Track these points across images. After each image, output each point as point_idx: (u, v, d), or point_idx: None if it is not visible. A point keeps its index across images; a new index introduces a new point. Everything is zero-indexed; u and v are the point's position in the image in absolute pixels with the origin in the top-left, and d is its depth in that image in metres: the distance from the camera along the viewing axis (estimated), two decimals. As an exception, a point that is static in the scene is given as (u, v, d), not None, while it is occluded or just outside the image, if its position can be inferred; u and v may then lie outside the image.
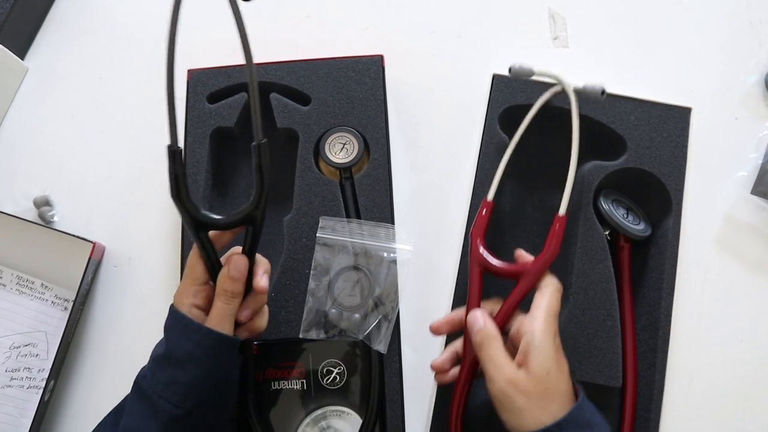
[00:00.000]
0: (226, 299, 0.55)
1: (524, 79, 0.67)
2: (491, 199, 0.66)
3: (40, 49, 0.79)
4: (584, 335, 0.64)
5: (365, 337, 0.63)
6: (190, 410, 0.52)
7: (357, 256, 0.65)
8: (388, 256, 0.65)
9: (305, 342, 0.65)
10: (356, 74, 0.71)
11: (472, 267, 0.63)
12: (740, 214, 0.72)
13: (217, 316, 0.55)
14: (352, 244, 0.65)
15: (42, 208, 0.72)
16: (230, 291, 0.55)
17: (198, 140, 0.70)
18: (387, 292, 0.65)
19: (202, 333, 0.54)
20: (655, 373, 0.66)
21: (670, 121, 0.69)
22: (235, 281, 0.55)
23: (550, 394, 0.53)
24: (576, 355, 0.64)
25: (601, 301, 0.66)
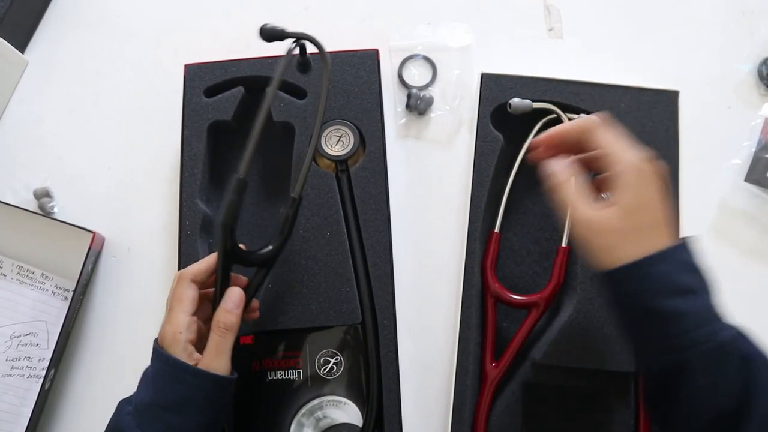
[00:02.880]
0: (224, 333, 0.53)
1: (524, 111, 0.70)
2: (498, 230, 0.69)
3: (39, 42, 0.80)
4: (594, 325, 0.65)
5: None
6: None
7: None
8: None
9: (302, 332, 0.66)
10: (352, 68, 0.72)
11: (486, 299, 0.68)
12: (734, 201, 0.72)
13: (214, 351, 0.52)
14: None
15: (42, 199, 0.73)
16: (228, 324, 0.53)
17: (195, 134, 0.71)
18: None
19: (199, 377, 0.51)
20: None
21: (659, 105, 0.70)
22: (232, 314, 0.53)
23: (636, 232, 0.47)
24: (587, 345, 0.64)
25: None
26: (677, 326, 0.45)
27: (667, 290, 0.46)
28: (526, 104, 0.69)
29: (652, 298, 0.46)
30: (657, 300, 0.46)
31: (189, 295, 0.54)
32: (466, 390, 0.65)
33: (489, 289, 0.68)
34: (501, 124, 0.71)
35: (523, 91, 0.70)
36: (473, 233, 0.68)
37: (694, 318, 0.45)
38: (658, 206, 0.48)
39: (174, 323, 0.53)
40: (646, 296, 0.46)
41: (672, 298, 0.45)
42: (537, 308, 0.67)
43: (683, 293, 0.46)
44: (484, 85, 0.71)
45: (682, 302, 0.45)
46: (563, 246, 0.68)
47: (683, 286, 0.46)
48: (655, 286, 0.46)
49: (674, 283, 0.46)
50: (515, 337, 0.66)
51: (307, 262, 0.66)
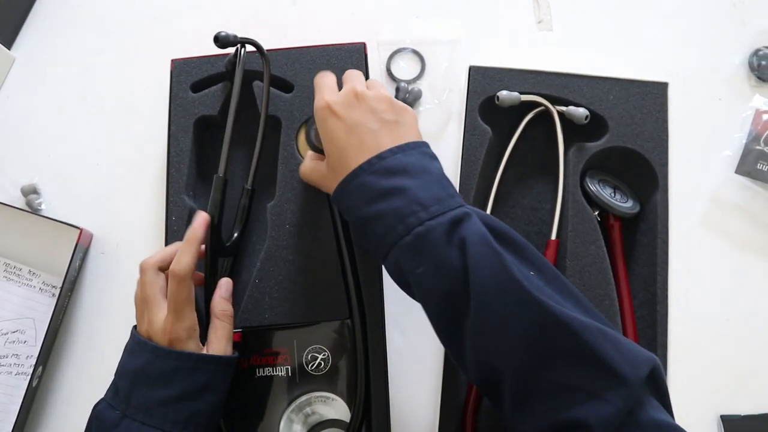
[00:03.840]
0: (227, 319, 0.59)
1: (512, 104, 0.69)
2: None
3: (26, 38, 0.80)
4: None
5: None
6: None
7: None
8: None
9: (289, 328, 0.65)
10: (339, 62, 0.71)
11: None
12: (725, 193, 0.72)
13: (222, 338, 0.58)
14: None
15: (29, 196, 0.73)
16: (228, 311, 0.59)
17: (182, 129, 0.70)
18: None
19: (214, 363, 0.56)
20: (656, 348, 0.66)
21: (649, 97, 0.70)
22: (228, 302, 0.60)
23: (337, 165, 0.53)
24: None
25: (597, 281, 0.66)
26: (380, 227, 0.49)
27: (365, 198, 0.50)
28: (515, 97, 0.69)
29: (355, 210, 0.51)
30: (359, 209, 0.51)
31: (192, 293, 0.56)
32: (454, 385, 0.65)
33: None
34: (489, 117, 0.70)
35: (512, 84, 0.70)
36: (461, 227, 0.68)
37: (394, 215, 0.48)
38: (345, 140, 0.53)
39: (188, 323, 0.55)
40: (352, 209, 0.52)
41: (370, 204, 0.50)
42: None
43: (383, 196, 0.49)
44: (472, 78, 0.71)
45: (381, 205, 0.49)
46: (553, 239, 0.67)
47: (381, 189, 0.50)
48: (355, 198, 0.51)
49: (370, 190, 0.50)
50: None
51: (294, 258, 0.66)
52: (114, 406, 0.53)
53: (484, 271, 0.46)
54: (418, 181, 0.50)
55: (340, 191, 0.52)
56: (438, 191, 0.50)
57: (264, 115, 0.68)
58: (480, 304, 0.46)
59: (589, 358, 0.43)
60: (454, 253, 0.47)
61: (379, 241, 0.50)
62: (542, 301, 0.44)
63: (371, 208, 0.49)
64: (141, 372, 0.54)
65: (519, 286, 0.45)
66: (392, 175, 0.50)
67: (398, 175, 0.50)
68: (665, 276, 0.67)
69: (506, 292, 0.45)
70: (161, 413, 0.52)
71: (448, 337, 0.50)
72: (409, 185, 0.49)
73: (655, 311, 0.67)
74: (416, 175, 0.50)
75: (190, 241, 0.57)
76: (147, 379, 0.53)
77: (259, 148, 0.67)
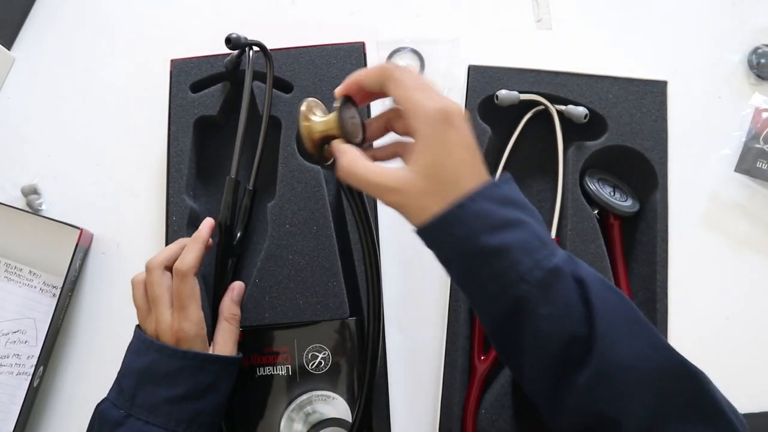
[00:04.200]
0: (235, 323, 0.61)
1: (512, 103, 0.69)
2: None
3: (26, 38, 0.80)
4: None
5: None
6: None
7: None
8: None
9: (290, 327, 0.66)
10: (338, 61, 0.71)
11: None
12: (724, 191, 0.72)
13: (229, 340, 0.59)
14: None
15: (30, 196, 0.73)
16: (236, 315, 0.61)
17: (181, 129, 0.70)
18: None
19: (220, 363, 0.56)
20: None
21: (648, 95, 0.70)
22: (237, 306, 0.62)
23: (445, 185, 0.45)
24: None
25: (597, 280, 0.66)
26: (506, 260, 0.43)
27: (486, 227, 0.43)
28: (514, 96, 0.69)
29: (473, 239, 0.43)
30: (478, 239, 0.43)
31: (197, 290, 0.57)
32: (454, 384, 0.65)
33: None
34: (489, 116, 0.70)
35: (511, 83, 0.70)
36: (461, 225, 0.68)
37: (521, 248, 0.43)
38: (461, 156, 0.45)
39: (194, 320, 0.56)
40: (466, 239, 0.44)
41: (493, 234, 0.43)
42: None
43: (504, 227, 0.43)
44: (471, 77, 0.71)
45: (505, 235, 0.43)
46: (552, 238, 0.67)
47: (503, 219, 0.44)
48: (473, 225, 0.43)
49: (492, 219, 0.43)
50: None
51: (294, 257, 0.66)
52: (118, 405, 0.53)
53: (611, 313, 0.43)
54: (531, 216, 0.45)
55: (452, 216, 0.44)
56: (543, 228, 0.46)
57: (266, 116, 0.68)
58: (607, 348, 0.42)
59: (710, 411, 0.42)
60: (578, 292, 0.43)
61: (499, 277, 0.44)
62: (670, 345, 0.42)
63: (494, 238, 0.43)
64: (146, 371, 0.54)
65: (648, 329, 0.43)
66: (510, 205, 0.45)
67: (515, 206, 0.45)
68: (665, 275, 0.67)
69: (636, 335, 0.43)
70: (166, 412, 0.52)
71: (552, 384, 0.45)
72: (527, 218, 0.45)
73: (654, 310, 0.67)
74: (526, 209, 0.46)
75: (195, 239, 0.58)
76: (152, 378, 0.53)
77: (261, 148, 0.67)
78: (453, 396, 0.65)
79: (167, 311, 0.56)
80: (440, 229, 0.45)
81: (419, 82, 0.47)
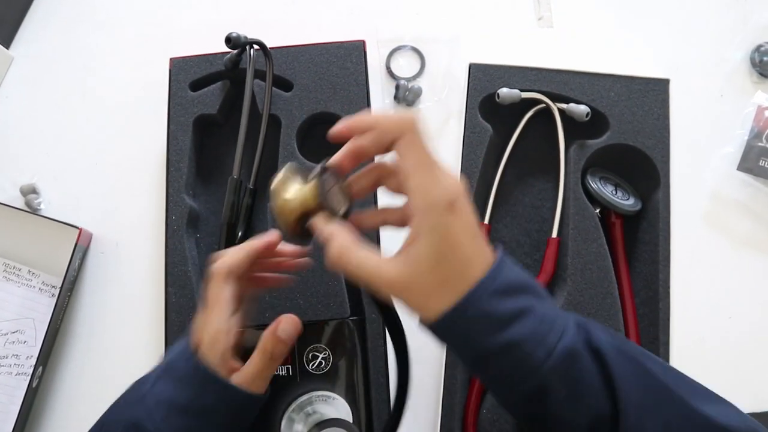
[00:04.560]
0: (269, 361, 0.49)
1: (513, 102, 0.69)
2: (488, 222, 0.69)
3: (25, 37, 0.79)
4: (584, 315, 0.64)
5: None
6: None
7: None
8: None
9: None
10: (338, 60, 0.71)
11: None
12: (727, 190, 0.72)
13: (253, 375, 0.49)
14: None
15: (29, 195, 0.73)
16: (273, 353, 0.49)
17: (181, 128, 0.70)
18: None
19: (229, 391, 0.47)
20: (659, 347, 0.66)
21: (650, 93, 0.69)
22: (282, 343, 0.49)
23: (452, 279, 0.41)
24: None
25: (599, 279, 0.66)
26: (516, 355, 0.41)
27: (492, 327, 0.41)
28: (515, 94, 0.69)
29: (480, 340, 0.41)
30: (485, 340, 0.41)
31: (225, 295, 0.48)
32: (456, 384, 0.65)
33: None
34: (490, 114, 0.70)
35: (512, 81, 0.70)
36: (462, 225, 0.67)
37: (530, 339, 0.41)
38: (467, 245, 0.42)
39: (210, 329, 0.48)
40: (473, 341, 0.42)
41: (500, 332, 0.41)
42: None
43: (510, 322, 0.41)
44: (472, 76, 0.70)
45: (513, 331, 0.41)
46: (554, 237, 0.67)
47: (507, 314, 0.41)
48: (478, 328, 0.41)
49: (496, 316, 0.41)
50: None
51: (294, 257, 0.65)
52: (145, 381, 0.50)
53: (634, 385, 0.41)
54: (533, 296, 0.43)
55: (455, 319, 0.41)
56: (550, 304, 0.43)
57: (266, 115, 0.67)
58: (633, 425, 0.40)
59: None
60: (596, 369, 0.41)
61: (512, 372, 0.42)
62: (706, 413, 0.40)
63: (502, 337, 0.41)
64: (168, 366, 0.50)
65: (677, 398, 0.41)
66: (512, 293, 0.42)
67: (516, 291, 0.42)
68: (667, 274, 0.67)
69: (663, 404, 0.41)
70: (164, 414, 0.48)
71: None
72: (530, 302, 0.42)
73: (657, 309, 0.66)
74: (528, 289, 0.43)
75: (243, 247, 0.51)
76: (170, 376, 0.49)
77: (261, 147, 0.67)
78: (454, 396, 0.64)
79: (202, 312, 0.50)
80: (445, 330, 0.43)
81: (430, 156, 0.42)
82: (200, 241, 0.70)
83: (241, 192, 0.66)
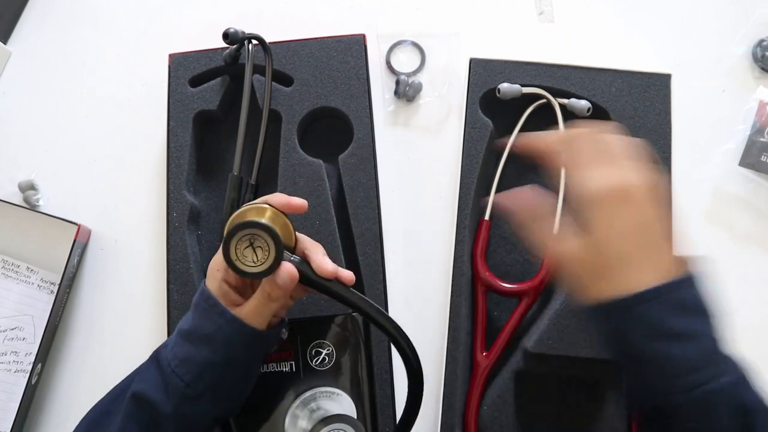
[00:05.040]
0: (265, 301, 0.51)
1: (513, 97, 0.69)
2: (488, 218, 0.69)
3: (22, 33, 0.79)
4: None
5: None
6: (201, 392, 0.50)
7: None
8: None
9: (292, 323, 0.65)
10: (338, 54, 0.71)
11: (477, 288, 0.67)
12: (729, 186, 0.71)
13: (252, 311, 0.51)
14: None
15: (27, 192, 0.72)
16: (270, 294, 0.51)
17: (181, 124, 0.70)
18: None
19: (225, 318, 0.50)
20: None
21: (651, 89, 0.69)
22: (279, 289, 0.50)
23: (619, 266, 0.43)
24: (579, 334, 0.63)
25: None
26: (664, 371, 0.42)
27: (656, 334, 0.42)
28: (516, 89, 0.68)
29: (637, 341, 0.43)
30: (644, 343, 0.43)
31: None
32: (456, 380, 0.64)
33: (479, 277, 0.67)
34: (490, 109, 0.70)
35: (513, 76, 0.69)
36: (462, 221, 0.67)
37: (685, 363, 0.42)
38: (631, 238, 0.44)
39: (214, 261, 0.53)
40: (633, 338, 0.43)
41: (660, 342, 0.42)
42: (528, 296, 0.66)
43: (675, 337, 0.42)
44: (472, 71, 0.70)
45: (672, 347, 0.42)
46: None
47: (675, 330, 0.42)
48: (643, 329, 0.43)
49: (664, 328, 0.42)
50: (506, 326, 0.66)
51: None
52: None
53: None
54: (708, 326, 0.43)
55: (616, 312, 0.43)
56: (720, 339, 0.44)
57: (266, 110, 0.67)
58: None
59: None
60: (736, 422, 0.42)
61: (652, 381, 0.43)
62: None
63: (654, 347, 0.42)
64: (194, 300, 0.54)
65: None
66: (687, 312, 0.43)
67: (692, 313, 0.43)
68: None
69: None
70: (174, 341, 0.52)
71: None
72: (701, 330, 0.43)
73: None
74: (706, 317, 0.43)
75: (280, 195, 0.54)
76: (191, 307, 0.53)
77: (262, 143, 0.66)
78: (455, 392, 0.64)
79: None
80: (601, 318, 0.45)
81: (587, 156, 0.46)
82: (201, 238, 0.70)
83: (243, 188, 0.66)
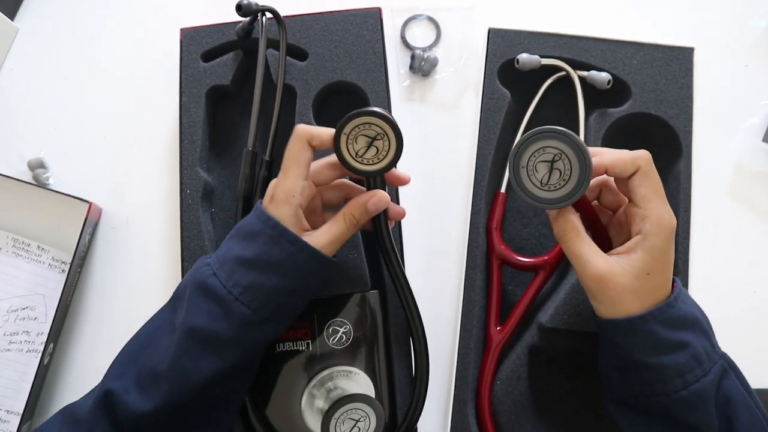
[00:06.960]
0: (349, 225, 0.53)
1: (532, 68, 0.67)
2: (504, 191, 0.68)
3: (30, 9, 0.77)
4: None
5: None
6: (267, 317, 0.50)
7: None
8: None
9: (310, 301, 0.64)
10: (354, 27, 0.69)
11: (492, 261, 0.66)
12: (751, 162, 0.70)
13: (330, 237, 0.52)
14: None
15: (37, 170, 0.71)
16: (358, 218, 0.53)
17: (193, 100, 0.68)
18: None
19: (297, 246, 0.50)
20: None
21: (674, 62, 0.68)
22: (369, 215, 0.53)
23: (644, 291, 0.49)
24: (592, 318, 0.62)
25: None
26: (657, 377, 0.48)
27: (656, 348, 0.48)
28: (535, 60, 0.67)
29: (639, 353, 0.49)
30: (643, 355, 0.48)
31: (305, 156, 0.52)
32: (469, 354, 0.63)
33: (494, 250, 0.66)
34: (508, 81, 0.68)
35: (532, 47, 0.68)
36: (479, 193, 0.66)
37: (676, 369, 0.48)
38: (667, 271, 0.50)
39: (287, 185, 0.51)
40: (633, 350, 0.49)
41: (658, 355, 0.48)
42: (543, 271, 0.65)
43: (670, 349, 0.48)
44: (491, 41, 0.69)
45: (667, 357, 0.48)
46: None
47: (673, 343, 0.48)
48: (645, 343, 0.48)
49: (663, 342, 0.48)
50: (521, 301, 0.64)
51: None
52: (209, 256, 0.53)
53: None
54: (695, 335, 0.49)
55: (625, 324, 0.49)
56: (707, 341, 0.50)
57: (280, 85, 0.66)
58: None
59: None
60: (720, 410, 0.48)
61: (647, 387, 0.49)
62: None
63: (652, 358, 0.48)
64: (239, 227, 0.53)
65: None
66: (679, 327, 0.49)
67: (683, 326, 0.49)
68: (686, 246, 0.65)
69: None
70: (229, 269, 0.50)
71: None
72: (690, 340, 0.49)
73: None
74: (693, 327, 0.50)
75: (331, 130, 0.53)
76: (238, 235, 0.52)
77: (277, 118, 0.65)
78: (468, 367, 0.63)
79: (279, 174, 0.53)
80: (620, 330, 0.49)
81: (662, 187, 0.50)
82: (215, 216, 0.69)
83: (257, 164, 0.64)
